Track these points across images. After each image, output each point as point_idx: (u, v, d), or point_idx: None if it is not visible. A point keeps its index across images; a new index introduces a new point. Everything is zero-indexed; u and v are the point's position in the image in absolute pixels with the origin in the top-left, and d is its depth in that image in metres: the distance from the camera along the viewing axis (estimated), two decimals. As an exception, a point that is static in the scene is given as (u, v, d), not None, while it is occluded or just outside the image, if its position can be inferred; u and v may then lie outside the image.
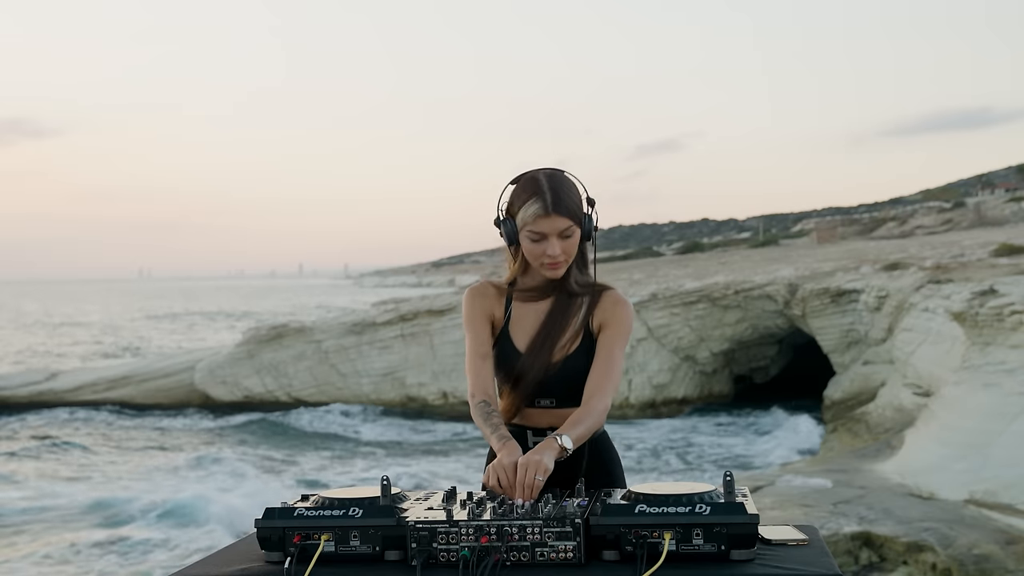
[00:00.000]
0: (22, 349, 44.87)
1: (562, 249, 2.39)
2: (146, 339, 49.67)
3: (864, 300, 19.17)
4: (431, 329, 22.68)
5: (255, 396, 23.16)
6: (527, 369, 2.44)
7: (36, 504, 14.19)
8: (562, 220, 2.36)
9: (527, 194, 2.38)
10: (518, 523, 1.94)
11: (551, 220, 2.36)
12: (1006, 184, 70.45)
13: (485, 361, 2.48)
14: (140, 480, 16.18)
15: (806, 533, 2.18)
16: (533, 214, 2.36)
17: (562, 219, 2.36)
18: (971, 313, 12.60)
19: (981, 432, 11.01)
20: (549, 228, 2.37)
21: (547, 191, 2.37)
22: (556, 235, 2.37)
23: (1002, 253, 20.39)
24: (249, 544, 2.17)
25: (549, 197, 2.36)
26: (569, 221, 2.37)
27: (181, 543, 12.21)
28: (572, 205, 2.38)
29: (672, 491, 2.01)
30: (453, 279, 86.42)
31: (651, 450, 18.05)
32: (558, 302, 2.47)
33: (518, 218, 2.40)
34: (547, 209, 2.35)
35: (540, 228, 2.37)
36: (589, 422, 2.31)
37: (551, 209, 2.35)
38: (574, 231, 2.39)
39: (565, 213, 2.36)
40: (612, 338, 2.44)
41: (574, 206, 2.38)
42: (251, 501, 13.94)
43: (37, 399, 23.78)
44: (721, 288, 21.50)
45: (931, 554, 8.71)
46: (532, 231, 2.38)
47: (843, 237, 49.20)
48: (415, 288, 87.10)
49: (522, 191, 2.40)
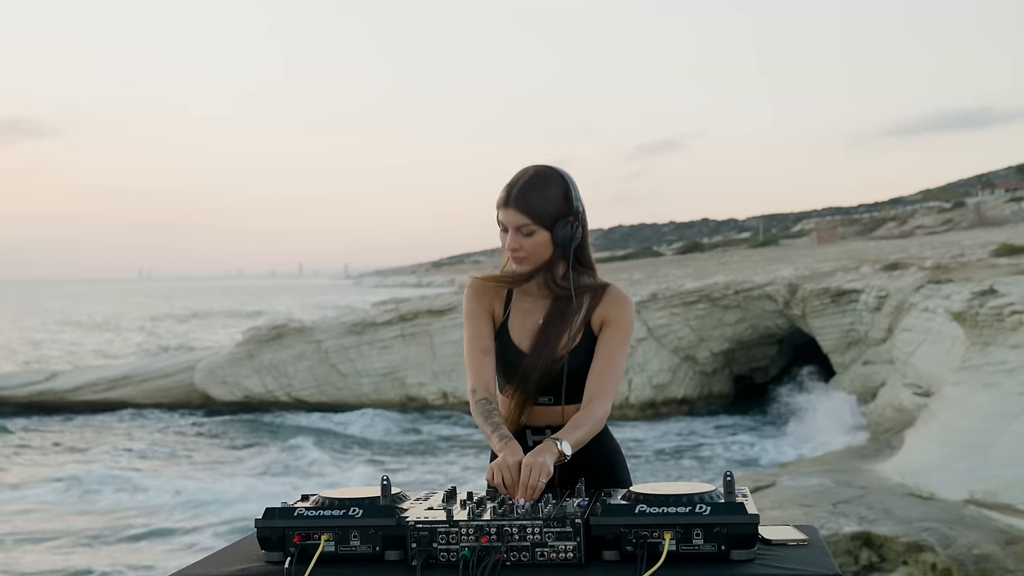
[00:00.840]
0: (75, 351, 44.80)
1: (522, 245, 2.37)
2: (194, 338, 49.43)
3: (864, 300, 19.18)
4: (431, 329, 22.69)
5: (255, 396, 23.17)
6: (530, 370, 2.42)
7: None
8: (517, 215, 2.35)
9: (505, 184, 2.40)
10: (518, 523, 1.94)
11: (506, 212, 2.37)
12: (1006, 184, 70.44)
13: (486, 355, 2.46)
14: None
15: (806, 533, 2.18)
16: (497, 203, 2.39)
17: (518, 214, 2.35)
18: (971, 313, 12.60)
19: (981, 432, 11.01)
20: (505, 220, 2.38)
21: (514, 184, 2.38)
22: (513, 229, 2.37)
23: (1002, 253, 20.39)
24: (249, 544, 2.17)
25: (511, 191, 2.37)
26: (526, 219, 2.35)
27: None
28: (535, 204, 2.35)
29: (672, 491, 2.01)
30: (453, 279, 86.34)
31: (651, 450, 18.05)
32: (558, 303, 2.45)
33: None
34: (505, 201, 2.37)
35: (501, 218, 2.40)
36: (589, 427, 2.30)
37: (506, 202, 2.37)
38: (536, 230, 2.36)
39: (522, 209, 2.35)
40: (613, 337, 2.42)
41: (538, 206, 2.35)
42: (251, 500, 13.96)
43: (37, 399, 23.76)
44: (721, 288, 21.51)
45: (931, 554, 8.71)
46: (499, 220, 2.41)
47: (843, 237, 49.20)
48: (415, 288, 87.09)
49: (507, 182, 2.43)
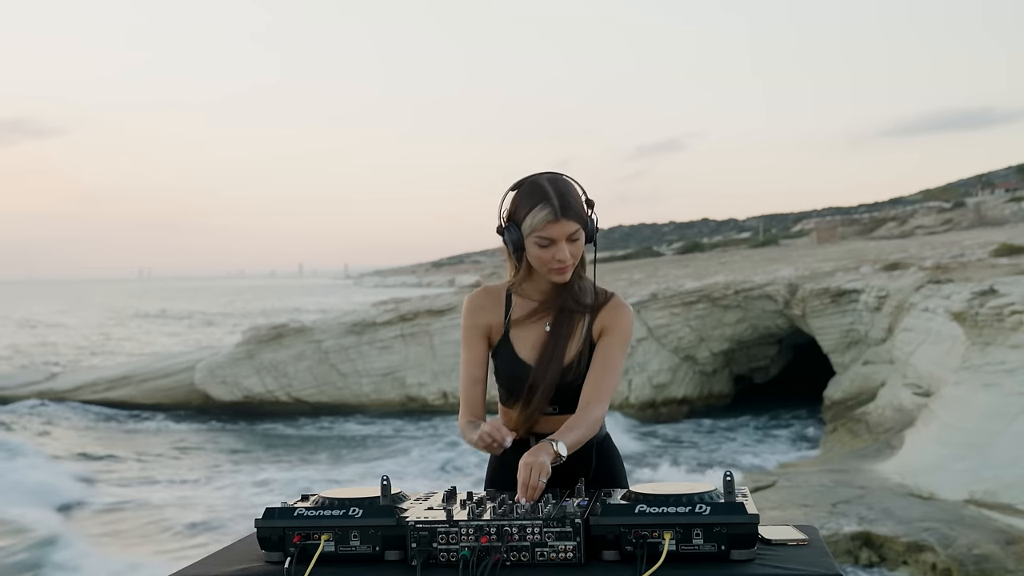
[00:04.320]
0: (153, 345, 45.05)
1: (570, 253, 2.39)
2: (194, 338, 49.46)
3: (864, 300, 19.17)
4: (431, 329, 22.68)
5: (255, 396, 23.16)
6: (538, 384, 2.42)
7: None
8: (571, 224, 2.36)
9: (533, 200, 2.36)
10: (518, 523, 1.94)
11: (561, 225, 2.35)
12: (1006, 184, 70.41)
13: (476, 385, 2.50)
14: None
15: (806, 533, 2.18)
16: (543, 220, 2.35)
17: (571, 223, 2.36)
18: (971, 313, 12.60)
19: (981, 432, 11.01)
20: (559, 233, 2.36)
21: (554, 196, 2.36)
22: (565, 239, 2.37)
23: (1002, 253, 20.38)
24: (249, 544, 2.17)
25: (557, 202, 2.35)
26: (577, 225, 2.37)
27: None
28: (579, 209, 2.38)
29: (672, 491, 2.01)
30: (453, 279, 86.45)
31: (651, 450, 18.05)
32: (562, 313, 2.45)
33: (525, 224, 2.37)
34: (556, 215, 2.35)
35: (550, 234, 2.36)
36: (584, 429, 2.31)
37: (560, 214, 2.35)
38: (580, 234, 2.39)
39: (574, 217, 2.36)
40: (611, 343, 2.44)
41: (580, 210, 2.39)
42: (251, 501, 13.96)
43: (37, 399, 23.76)
44: (721, 288, 21.50)
45: (931, 554, 8.71)
46: (541, 236, 2.36)
47: (843, 237, 49.17)
48: (415, 288, 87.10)
49: (527, 197, 2.38)
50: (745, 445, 18.28)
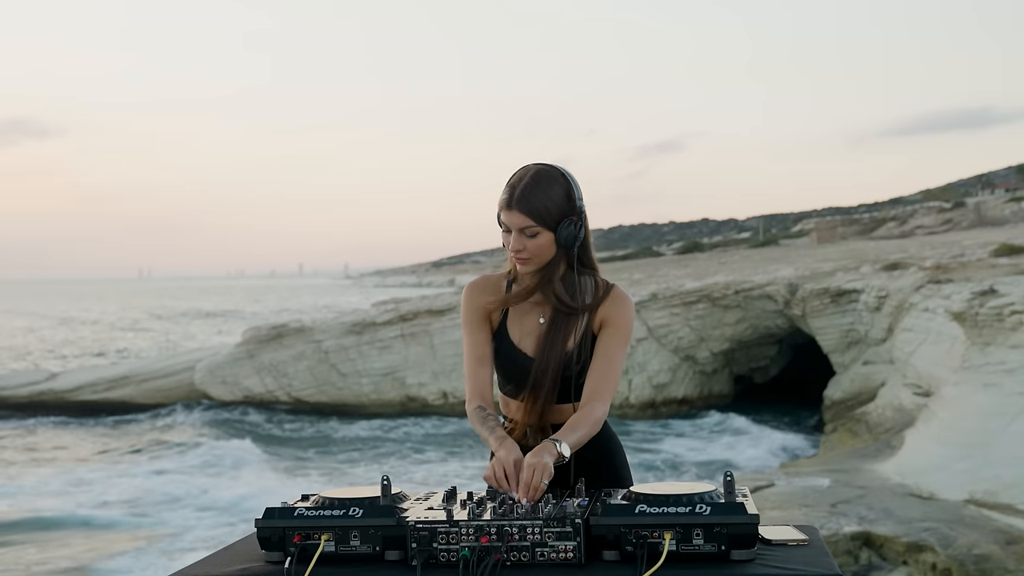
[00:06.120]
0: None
1: (525, 246, 2.35)
2: (194, 338, 49.56)
3: (864, 300, 19.17)
4: (431, 329, 22.68)
5: (255, 396, 23.16)
6: (540, 379, 2.41)
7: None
8: (521, 217, 2.32)
9: (507, 184, 2.38)
10: (518, 523, 1.94)
11: (510, 214, 2.34)
12: (1006, 184, 70.40)
13: (482, 366, 2.46)
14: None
15: (806, 533, 2.18)
16: (499, 204, 2.37)
17: (521, 216, 2.32)
18: (971, 313, 12.60)
19: (981, 432, 11.01)
20: (508, 221, 2.35)
21: (516, 185, 2.34)
22: (517, 230, 2.34)
23: (1002, 253, 20.36)
24: (249, 544, 2.17)
25: (513, 192, 2.34)
26: (530, 220, 2.32)
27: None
28: (539, 205, 2.32)
29: (672, 491, 2.01)
30: (453, 279, 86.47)
31: (651, 450, 18.05)
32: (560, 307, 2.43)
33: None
34: (508, 202, 2.34)
35: (504, 220, 2.36)
36: (587, 428, 2.30)
37: (509, 204, 2.34)
38: (540, 232, 2.34)
39: (525, 210, 2.32)
40: (612, 337, 2.42)
41: (541, 207, 2.32)
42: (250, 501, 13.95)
43: (37, 399, 23.76)
44: (721, 288, 21.50)
45: (931, 554, 8.71)
46: (501, 221, 2.38)
47: (843, 237, 49.16)
48: (415, 288, 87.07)
49: (507, 181, 2.40)
50: (745, 445, 18.28)
